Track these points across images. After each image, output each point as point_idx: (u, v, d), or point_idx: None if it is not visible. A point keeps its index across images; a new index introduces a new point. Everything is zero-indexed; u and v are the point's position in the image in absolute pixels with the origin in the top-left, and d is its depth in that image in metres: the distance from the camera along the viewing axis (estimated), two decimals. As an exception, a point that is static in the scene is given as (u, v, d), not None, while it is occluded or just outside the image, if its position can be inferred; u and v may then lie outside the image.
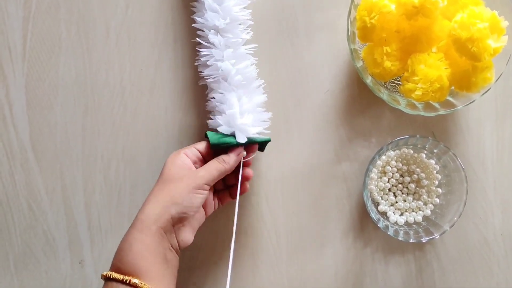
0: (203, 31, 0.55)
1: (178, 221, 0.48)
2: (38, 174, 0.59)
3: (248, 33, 0.55)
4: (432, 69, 0.52)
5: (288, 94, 0.59)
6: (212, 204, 0.54)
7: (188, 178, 0.49)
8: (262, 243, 0.59)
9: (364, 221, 0.59)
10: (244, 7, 0.55)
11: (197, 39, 0.55)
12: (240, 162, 0.53)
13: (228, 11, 0.53)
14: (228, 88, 0.53)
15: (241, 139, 0.52)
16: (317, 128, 0.59)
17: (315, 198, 0.59)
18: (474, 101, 0.53)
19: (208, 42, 0.53)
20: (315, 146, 0.59)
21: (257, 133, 0.54)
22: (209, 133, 0.53)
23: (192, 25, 0.55)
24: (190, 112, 0.59)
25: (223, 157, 0.52)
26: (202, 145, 0.53)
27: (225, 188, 0.56)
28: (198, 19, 0.54)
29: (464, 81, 0.53)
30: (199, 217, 0.52)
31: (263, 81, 0.56)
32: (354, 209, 0.59)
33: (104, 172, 0.59)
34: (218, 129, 0.53)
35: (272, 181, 0.59)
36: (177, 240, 0.49)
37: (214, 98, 0.54)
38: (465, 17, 0.50)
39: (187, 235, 0.49)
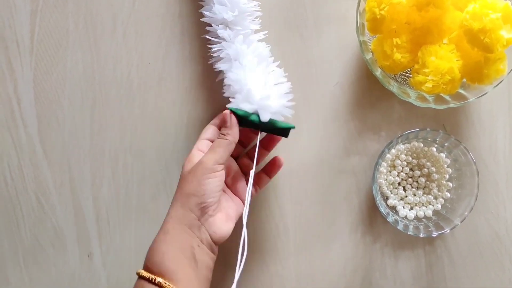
0: (211, 25, 0.54)
1: (201, 213, 0.47)
2: (46, 168, 0.59)
3: (256, 23, 0.54)
4: (443, 61, 0.51)
5: (297, 87, 0.58)
6: (244, 187, 0.53)
7: (196, 168, 0.48)
8: (270, 237, 0.59)
9: (373, 216, 0.58)
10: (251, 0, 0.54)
11: (207, 36, 0.54)
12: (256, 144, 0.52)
13: (236, 3, 0.52)
14: (242, 68, 0.52)
15: (265, 117, 0.50)
16: (326, 121, 0.59)
17: (324, 192, 0.59)
18: (486, 93, 0.52)
19: (217, 37, 0.53)
20: (324, 140, 0.59)
21: (282, 116, 0.52)
22: (233, 108, 0.51)
23: (201, 19, 0.55)
24: (198, 105, 0.59)
25: (222, 131, 0.50)
26: (209, 133, 0.52)
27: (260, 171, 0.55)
28: (206, 13, 0.54)
29: (476, 73, 0.52)
30: (232, 205, 0.51)
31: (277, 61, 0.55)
32: (363, 203, 0.58)
33: (112, 166, 0.59)
34: (241, 106, 0.51)
35: (281, 174, 0.58)
36: (208, 234, 0.48)
37: (230, 84, 0.52)
38: (477, 8, 0.49)
39: (220, 225, 0.49)
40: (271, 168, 0.55)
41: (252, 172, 0.51)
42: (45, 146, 0.59)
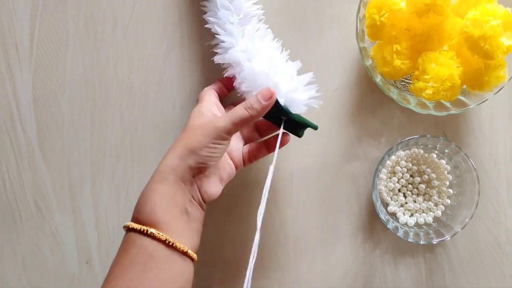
0: (215, 30, 0.54)
1: (198, 172, 0.46)
2: (45, 172, 0.59)
3: (262, 24, 0.54)
4: (443, 67, 0.51)
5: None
6: (241, 156, 0.52)
7: (208, 126, 0.46)
8: (270, 243, 0.58)
9: (373, 222, 0.58)
10: (254, 3, 0.54)
11: (212, 42, 0.54)
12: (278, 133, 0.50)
13: (240, 8, 0.52)
14: (264, 60, 0.50)
15: (298, 109, 0.49)
16: (326, 127, 0.58)
17: (324, 198, 0.58)
18: (486, 100, 0.52)
19: (222, 34, 0.52)
20: (324, 145, 0.58)
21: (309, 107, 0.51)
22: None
23: (205, 26, 0.55)
24: (197, 110, 0.59)
25: (252, 101, 0.46)
26: (216, 85, 0.53)
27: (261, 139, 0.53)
28: (210, 18, 0.53)
29: (476, 80, 0.52)
30: (227, 168, 0.50)
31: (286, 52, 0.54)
32: (363, 210, 0.58)
33: (112, 169, 0.59)
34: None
35: (281, 180, 0.58)
36: (200, 192, 0.47)
37: (249, 78, 0.50)
38: (478, 14, 0.49)
39: (212, 187, 0.47)
40: (274, 142, 0.51)
41: (270, 173, 0.48)
42: (44, 150, 0.59)
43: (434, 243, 0.54)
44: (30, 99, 0.59)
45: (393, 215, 0.58)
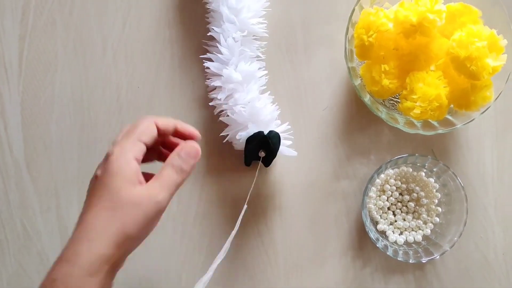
0: (213, 46, 0.55)
1: (126, 257, 0.39)
2: (32, 193, 0.58)
3: (262, 52, 0.56)
4: (430, 87, 0.52)
5: (286, 111, 0.58)
6: None
7: (146, 205, 0.38)
8: (259, 261, 0.58)
9: (363, 240, 0.58)
10: (260, 22, 0.55)
11: (207, 54, 0.55)
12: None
13: (245, 23, 0.53)
14: (252, 90, 0.54)
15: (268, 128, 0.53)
16: (315, 145, 0.59)
17: (314, 216, 0.58)
18: (473, 119, 0.52)
19: (223, 45, 0.53)
20: (314, 164, 0.59)
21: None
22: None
23: (208, 34, 0.55)
24: (187, 130, 0.58)
25: (179, 162, 0.40)
26: (148, 135, 0.40)
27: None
28: (216, 28, 0.54)
29: (463, 100, 0.53)
30: None
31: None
32: (353, 228, 0.58)
33: (100, 191, 0.58)
34: (254, 130, 0.52)
35: (270, 198, 0.58)
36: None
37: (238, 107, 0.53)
38: (464, 36, 0.50)
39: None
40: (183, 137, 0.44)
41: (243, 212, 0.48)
42: (31, 171, 0.58)
43: (423, 262, 0.54)
44: (19, 119, 0.59)
45: (383, 233, 0.58)
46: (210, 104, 0.56)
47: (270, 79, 0.58)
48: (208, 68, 0.55)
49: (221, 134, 0.55)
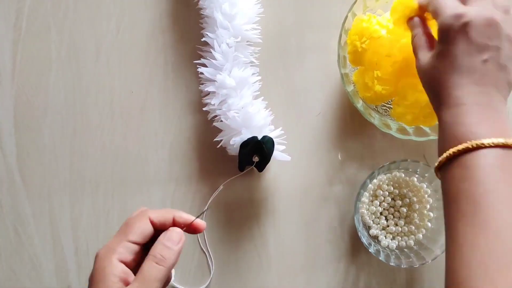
0: (207, 52, 0.55)
1: None
2: (25, 198, 0.58)
3: (255, 58, 0.57)
4: (422, 93, 0.52)
5: (279, 117, 0.59)
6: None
7: None
8: (252, 267, 0.58)
9: (356, 245, 0.58)
10: (254, 28, 0.55)
11: (201, 60, 0.55)
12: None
13: (239, 29, 0.53)
14: (246, 95, 0.55)
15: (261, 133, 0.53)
16: (308, 151, 0.59)
17: (307, 221, 0.58)
18: (464, 126, 0.53)
19: (217, 51, 0.54)
20: (306, 169, 0.59)
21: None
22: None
23: (202, 39, 0.55)
24: (180, 135, 0.59)
25: (160, 251, 0.38)
26: (139, 233, 0.39)
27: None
28: (210, 34, 0.54)
29: (455, 106, 0.53)
30: None
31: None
32: (345, 233, 0.58)
33: (92, 196, 0.58)
34: (248, 135, 0.53)
35: (263, 203, 0.58)
36: None
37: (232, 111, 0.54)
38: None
39: None
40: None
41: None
42: (24, 176, 0.58)
43: (415, 266, 0.54)
44: (11, 123, 0.58)
45: (375, 238, 0.58)
46: (204, 109, 0.56)
47: (264, 85, 0.58)
48: (202, 73, 0.55)
49: (214, 140, 0.55)
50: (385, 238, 0.58)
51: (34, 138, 0.58)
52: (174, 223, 0.40)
